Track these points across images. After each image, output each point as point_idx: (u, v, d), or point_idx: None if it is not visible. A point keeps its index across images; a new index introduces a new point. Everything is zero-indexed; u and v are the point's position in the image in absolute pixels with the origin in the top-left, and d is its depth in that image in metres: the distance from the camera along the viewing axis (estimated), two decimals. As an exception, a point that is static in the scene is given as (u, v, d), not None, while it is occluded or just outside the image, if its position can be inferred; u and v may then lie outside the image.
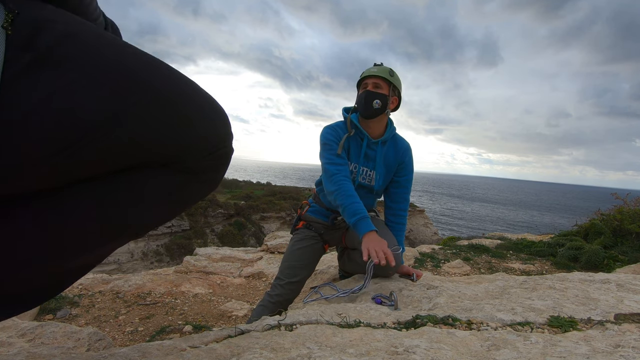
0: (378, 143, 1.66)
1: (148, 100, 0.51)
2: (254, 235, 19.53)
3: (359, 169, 1.67)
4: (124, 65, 0.51)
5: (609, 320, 1.00)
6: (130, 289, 2.47)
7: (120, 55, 0.52)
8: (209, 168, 0.61)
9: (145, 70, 0.53)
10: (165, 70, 0.55)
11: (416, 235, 25.69)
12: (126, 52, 0.53)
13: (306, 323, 1.01)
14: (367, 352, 0.79)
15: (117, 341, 1.79)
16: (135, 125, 0.51)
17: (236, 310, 2.26)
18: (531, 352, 0.79)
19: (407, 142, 1.76)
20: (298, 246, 1.76)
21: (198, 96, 0.57)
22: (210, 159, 0.60)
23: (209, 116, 0.58)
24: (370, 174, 1.68)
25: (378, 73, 1.60)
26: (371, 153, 1.66)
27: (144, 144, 0.53)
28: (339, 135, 1.64)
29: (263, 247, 3.97)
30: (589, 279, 1.45)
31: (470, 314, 1.07)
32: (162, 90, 0.53)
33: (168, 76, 0.55)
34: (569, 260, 3.11)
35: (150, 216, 0.59)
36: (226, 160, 0.63)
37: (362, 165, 1.67)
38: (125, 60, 0.52)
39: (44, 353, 0.85)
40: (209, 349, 0.83)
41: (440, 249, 3.27)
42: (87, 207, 0.54)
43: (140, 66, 0.53)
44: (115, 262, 15.31)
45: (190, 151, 0.57)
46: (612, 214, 3.87)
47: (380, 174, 1.68)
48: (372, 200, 1.81)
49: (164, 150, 0.55)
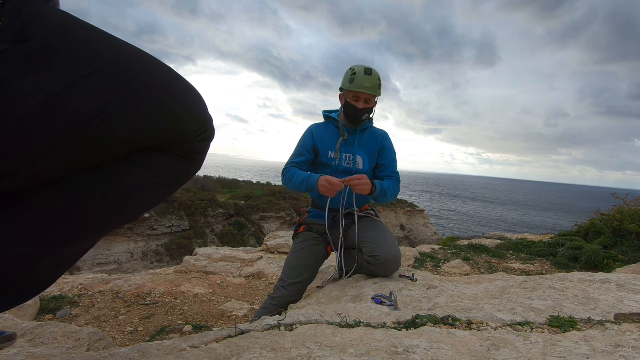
0: (357, 130, 1.82)
1: (139, 91, 0.53)
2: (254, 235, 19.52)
3: (341, 156, 1.80)
4: (116, 58, 0.53)
5: (609, 320, 1.00)
6: (130, 289, 2.47)
7: (112, 48, 0.54)
8: (196, 149, 0.65)
9: (134, 62, 0.55)
10: (149, 60, 0.58)
11: (416, 235, 25.69)
12: (115, 44, 0.55)
13: (306, 323, 1.01)
14: (367, 352, 0.79)
15: (117, 341, 1.79)
16: (129, 116, 0.53)
17: (236, 310, 2.26)
18: (531, 352, 0.79)
19: (384, 130, 1.93)
20: (300, 247, 1.76)
21: (181, 84, 0.60)
22: (197, 141, 0.64)
23: (192, 102, 0.61)
24: (352, 157, 1.81)
25: (371, 91, 1.72)
26: (350, 139, 1.82)
27: (138, 134, 0.55)
28: (312, 135, 1.84)
29: (263, 247, 3.97)
30: (589, 279, 1.45)
31: (470, 314, 1.07)
32: (150, 81, 0.55)
33: (153, 67, 0.57)
34: (569, 260, 3.11)
35: (147, 198, 0.63)
36: (209, 141, 0.68)
37: (343, 152, 1.80)
38: (116, 53, 0.53)
39: (44, 353, 0.85)
40: (209, 349, 0.83)
41: (440, 249, 3.26)
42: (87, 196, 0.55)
43: (130, 58, 0.55)
44: (115, 262, 15.31)
45: (180, 136, 0.61)
46: (612, 214, 3.86)
47: (363, 157, 1.82)
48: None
49: (157, 137, 0.58)
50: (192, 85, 0.63)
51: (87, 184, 0.56)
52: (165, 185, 0.64)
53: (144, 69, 0.55)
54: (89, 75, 0.49)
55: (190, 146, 0.63)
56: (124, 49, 0.56)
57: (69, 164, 0.52)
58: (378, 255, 1.59)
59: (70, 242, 0.57)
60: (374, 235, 1.69)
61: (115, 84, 0.51)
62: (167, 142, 0.60)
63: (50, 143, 0.47)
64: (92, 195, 0.56)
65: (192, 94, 0.62)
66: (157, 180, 0.62)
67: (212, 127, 0.67)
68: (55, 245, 0.56)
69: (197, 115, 0.62)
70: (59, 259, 0.59)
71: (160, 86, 0.56)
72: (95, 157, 0.54)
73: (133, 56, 0.55)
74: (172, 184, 0.65)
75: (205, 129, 0.64)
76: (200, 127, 0.63)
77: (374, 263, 1.60)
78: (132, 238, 16.17)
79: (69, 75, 0.48)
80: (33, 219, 0.53)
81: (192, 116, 0.61)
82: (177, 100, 0.58)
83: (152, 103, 0.55)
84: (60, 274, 0.64)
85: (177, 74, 0.61)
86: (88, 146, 0.51)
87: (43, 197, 0.53)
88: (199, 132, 0.63)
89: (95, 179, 0.56)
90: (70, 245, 0.58)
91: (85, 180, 0.55)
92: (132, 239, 16.17)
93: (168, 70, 0.60)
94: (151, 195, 0.63)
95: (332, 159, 1.79)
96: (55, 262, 0.59)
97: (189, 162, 0.65)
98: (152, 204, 0.65)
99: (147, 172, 0.60)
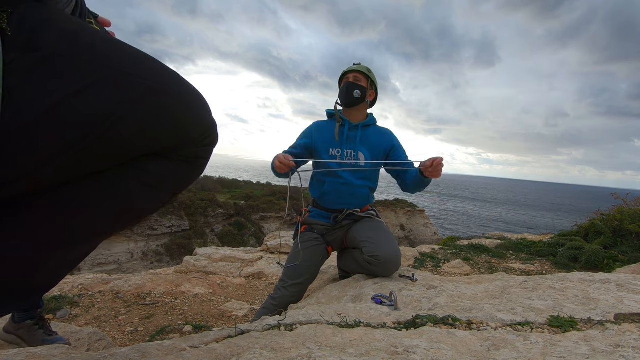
0: (359, 127, 1.81)
1: (144, 97, 0.53)
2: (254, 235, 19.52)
3: (342, 153, 1.79)
4: (121, 63, 0.53)
5: (609, 320, 1.00)
6: (130, 289, 2.47)
7: (117, 53, 0.54)
8: (199, 154, 0.65)
9: (138, 66, 0.55)
10: (153, 64, 0.58)
11: (416, 235, 25.69)
12: (119, 48, 0.55)
13: (306, 323, 1.01)
14: (367, 352, 0.79)
15: (117, 341, 1.79)
16: (134, 122, 0.53)
17: (236, 310, 2.26)
18: (531, 352, 0.79)
19: (387, 128, 1.92)
20: (301, 247, 1.76)
21: (185, 89, 0.60)
22: (201, 146, 0.64)
23: (196, 106, 0.61)
24: (353, 154, 1.80)
25: (358, 68, 1.82)
26: (352, 135, 1.80)
27: (142, 139, 0.55)
28: (311, 131, 1.84)
29: (263, 247, 3.97)
30: (589, 279, 1.45)
31: (470, 314, 1.07)
32: (155, 87, 0.55)
33: (157, 71, 0.57)
34: (569, 260, 3.11)
35: (150, 203, 0.63)
36: (213, 145, 0.67)
37: (345, 148, 1.78)
38: (120, 58, 0.54)
39: (44, 353, 0.85)
40: (209, 349, 0.83)
41: (440, 249, 3.26)
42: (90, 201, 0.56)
43: (134, 63, 0.55)
44: (115, 262, 15.31)
45: (185, 142, 0.60)
46: (612, 214, 3.86)
47: (365, 154, 1.79)
48: (365, 191, 1.82)
49: (161, 142, 0.58)
50: (196, 89, 0.63)
51: (90, 189, 0.56)
52: (167, 190, 0.64)
53: (148, 74, 0.55)
54: (95, 82, 0.49)
55: (193, 151, 0.63)
56: (128, 53, 0.56)
57: (73, 171, 0.52)
58: (378, 255, 1.59)
59: (73, 246, 0.57)
60: (374, 235, 1.69)
61: (121, 90, 0.51)
62: (171, 147, 0.60)
63: (56, 149, 0.47)
64: (95, 201, 0.56)
65: (196, 99, 0.61)
66: (159, 185, 0.62)
67: (216, 132, 0.67)
68: (57, 249, 0.56)
69: (201, 120, 0.62)
70: (61, 262, 0.59)
71: (165, 91, 0.56)
72: (100, 163, 0.54)
73: (137, 61, 0.56)
74: (175, 189, 0.65)
75: (209, 133, 0.64)
76: (204, 132, 0.63)
77: (374, 263, 1.60)
78: (132, 238, 16.17)
79: (76, 82, 0.48)
80: (36, 224, 0.53)
81: (196, 121, 0.61)
82: (181, 105, 0.58)
83: (157, 108, 0.55)
84: (63, 276, 0.64)
85: (181, 78, 0.61)
86: (93, 152, 0.51)
87: (47, 202, 0.53)
88: (203, 137, 0.63)
89: (99, 184, 0.56)
90: (72, 249, 0.58)
91: (89, 186, 0.56)
92: (132, 239, 16.17)
93: (171, 74, 0.59)
94: (153, 200, 0.63)
95: (334, 157, 1.79)
96: (58, 265, 0.59)
97: (192, 167, 0.65)
98: (154, 209, 0.65)
99: (149, 177, 0.60)
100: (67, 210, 0.55)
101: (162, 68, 0.59)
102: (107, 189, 0.57)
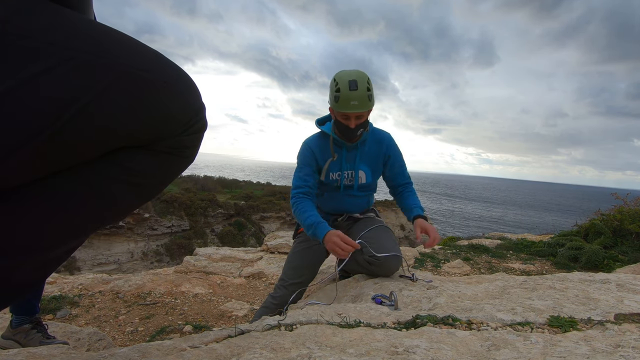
0: (357, 145, 1.70)
1: (115, 81, 0.48)
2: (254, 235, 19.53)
3: (342, 175, 1.72)
4: (87, 44, 0.47)
5: (609, 320, 1.00)
6: (130, 289, 2.47)
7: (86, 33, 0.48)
8: (185, 144, 0.58)
9: (112, 46, 0.49)
10: (130, 43, 0.52)
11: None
12: (88, 28, 0.49)
13: (306, 323, 1.01)
14: (367, 352, 0.79)
15: (117, 341, 1.79)
16: (103, 110, 0.47)
17: (236, 310, 2.26)
18: (531, 352, 0.79)
19: (387, 133, 1.78)
20: (301, 247, 1.77)
21: (167, 68, 0.54)
22: (186, 135, 0.57)
23: (180, 89, 0.55)
24: (353, 174, 1.74)
25: (360, 108, 1.52)
26: (351, 156, 1.71)
27: (117, 128, 0.50)
28: (313, 153, 1.69)
29: (263, 247, 3.97)
30: (589, 279, 1.45)
31: (470, 314, 1.07)
32: (128, 69, 0.49)
33: (135, 51, 0.51)
34: (569, 260, 3.11)
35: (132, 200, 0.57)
36: (201, 133, 0.60)
37: (345, 170, 1.72)
38: (89, 38, 0.48)
39: (44, 353, 0.85)
40: (209, 349, 0.83)
41: (440, 249, 3.26)
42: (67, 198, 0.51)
43: (106, 43, 0.49)
44: (115, 262, 15.31)
45: (166, 130, 0.54)
46: (612, 214, 3.87)
47: (365, 171, 1.73)
48: (365, 199, 1.85)
49: (139, 133, 0.52)
50: (182, 70, 0.56)
51: (66, 185, 0.51)
52: (150, 185, 0.58)
53: (123, 55, 0.49)
54: (54, 66, 0.44)
55: (178, 140, 0.56)
56: (99, 32, 0.49)
57: (41, 166, 0.47)
58: (378, 255, 1.59)
59: (52, 247, 0.53)
60: (374, 235, 1.69)
61: (87, 74, 0.45)
62: (151, 137, 0.53)
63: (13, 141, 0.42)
64: (71, 198, 0.51)
65: (179, 81, 0.55)
66: (141, 180, 0.56)
67: (204, 118, 0.59)
68: (33, 251, 0.51)
69: (185, 105, 0.55)
70: (43, 261, 0.54)
71: (141, 73, 0.50)
72: (72, 157, 0.49)
73: (111, 41, 0.49)
74: (160, 182, 0.59)
75: (195, 120, 0.57)
76: (189, 118, 0.56)
77: (374, 263, 1.60)
78: (132, 238, 16.18)
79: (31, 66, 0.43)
80: (9, 225, 0.48)
81: (179, 106, 0.54)
82: (160, 89, 0.52)
83: (133, 93, 0.49)
84: (49, 274, 0.60)
85: (163, 58, 0.54)
86: (61, 143, 0.46)
87: (18, 201, 0.48)
88: (188, 124, 0.56)
89: (75, 180, 0.51)
90: (52, 249, 0.53)
91: (64, 182, 0.50)
92: (132, 239, 16.18)
93: (152, 54, 0.53)
94: (134, 196, 0.57)
95: (334, 180, 1.73)
96: (38, 264, 0.54)
97: (177, 159, 0.58)
98: (137, 204, 0.59)
99: (129, 172, 0.54)
100: (42, 209, 0.49)
101: (141, 48, 0.52)
102: (82, 185, 0.51)
